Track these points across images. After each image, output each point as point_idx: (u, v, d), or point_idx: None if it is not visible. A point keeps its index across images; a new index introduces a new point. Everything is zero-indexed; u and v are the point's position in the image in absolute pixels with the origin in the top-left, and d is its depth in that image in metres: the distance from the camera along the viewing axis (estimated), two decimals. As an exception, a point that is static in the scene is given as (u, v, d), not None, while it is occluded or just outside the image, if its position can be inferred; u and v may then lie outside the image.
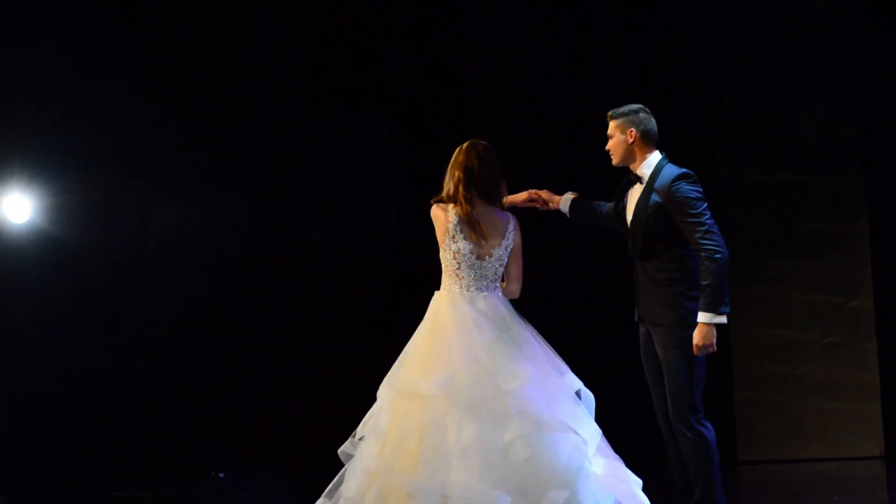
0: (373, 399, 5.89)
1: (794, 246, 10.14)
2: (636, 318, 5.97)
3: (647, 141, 5.89)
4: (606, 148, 5.96)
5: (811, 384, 10.12)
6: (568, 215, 6.27)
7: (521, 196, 6.22)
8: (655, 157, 5.89)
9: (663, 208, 5.73)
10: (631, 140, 5.88)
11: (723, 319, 5.60)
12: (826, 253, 10.13)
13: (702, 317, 5.61)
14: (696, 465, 5.73)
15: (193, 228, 10.07)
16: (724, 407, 9.98)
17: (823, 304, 10.13)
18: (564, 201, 6.23)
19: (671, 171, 5.79)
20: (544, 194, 6.25)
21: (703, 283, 5.61)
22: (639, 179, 5.88)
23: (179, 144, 9.98)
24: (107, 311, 9.83)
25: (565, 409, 5.47)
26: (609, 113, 5.97)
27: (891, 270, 10.20)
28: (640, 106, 5.94)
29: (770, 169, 10.17)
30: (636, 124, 5.88)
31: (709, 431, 5.73)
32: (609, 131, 5.95)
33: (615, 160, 5.95)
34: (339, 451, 5.82)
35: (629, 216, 5.89)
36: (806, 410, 10.11)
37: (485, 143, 5.89)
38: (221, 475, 7.03)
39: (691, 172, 5.79)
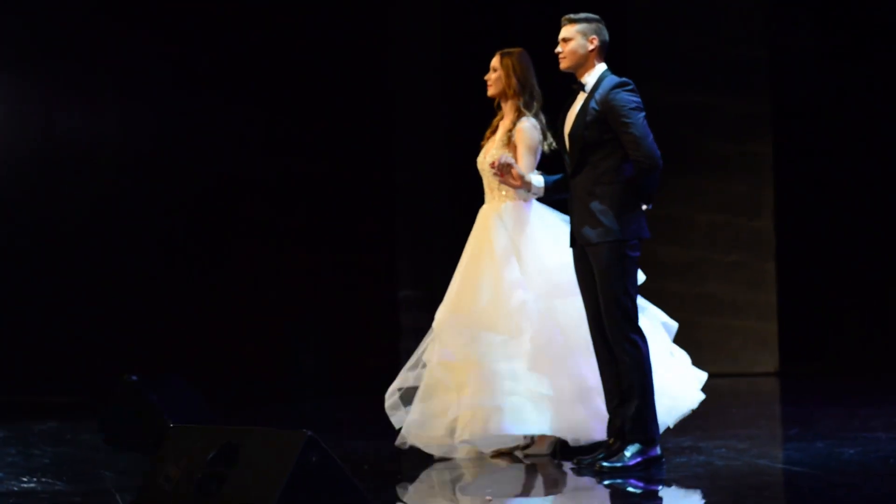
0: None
1: (698, 166, 10.29)
2: (571, 240, 5.97)
3: (602, 52, 5.91)
4: (558, 51, 5.91)
5: (711, 302, 10.34)
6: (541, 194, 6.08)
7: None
8: (601, 67, 5.90)
9: (601, 116, 5.76)
10: (591, 47, 5.87)
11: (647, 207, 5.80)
12: (730, 173, 10.31)
13: None
14: (631, 375, 5.80)
15: (104, 132, 9.95)
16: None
17: (726, 224, 10.33)
18: (538, 180, 6.03)
19: (611, 80, 5.82)
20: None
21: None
22: (582, 87, 5.89)
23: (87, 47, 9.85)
24: (16, 214, 9.69)
25: None
26: (568, 16, 5.88)
27: (792, 191, 10.42)
28: (599, 17, 5.94)
29: (676, 89, 10.28)
30: (598, 33, 5.89)
31: (644, 342, 5.82)
32: (566, 35, 5.87)
33: (567, 64, 5.90)
34: None
35: (568, 127, 5.89)
36: (706, 328, 10.32)
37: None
38: (133, 378, 6.97)
39: (630, 81, 5.81)
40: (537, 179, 6.02)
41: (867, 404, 8.09)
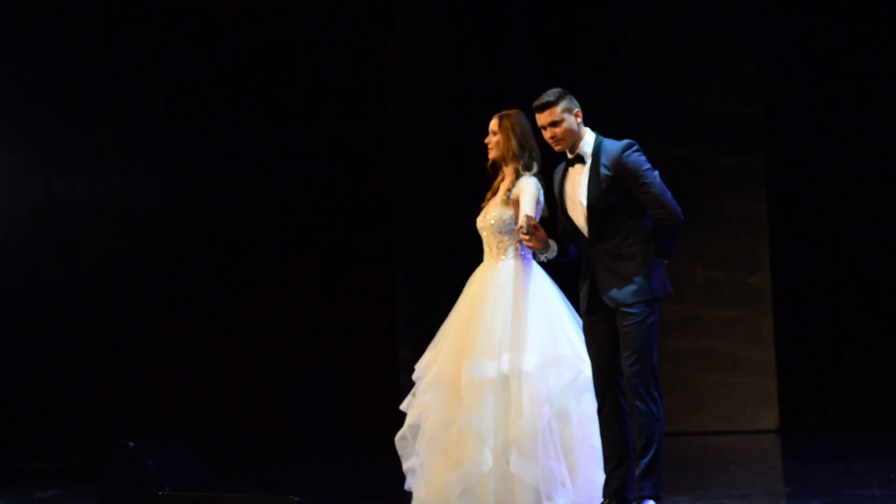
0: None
1: (696, 222, 10.32)
2: (587, 307, 5.97)
3: (582, 119, 5.96)
4: (551, 136, 5.90)
5: (711, 358, 10.34)
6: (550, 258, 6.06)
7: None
8: (591, 134, 5.93)
9: (616, 180, 5.79)
10: (579, 120, 5.91)
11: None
12: (727, 229, 10.36)
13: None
14: (651, 429, 5.79)
15: (103, 193, 10.04)
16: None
17: (724, 280, 10.36)
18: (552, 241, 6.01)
19: (614, 144, 5.85)
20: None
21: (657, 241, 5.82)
22: (580, 160, 5.91)
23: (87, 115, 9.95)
24: (15, 276, 9.77)
25: None
26: (546, 100, 5.86)
27: (787, 247, 10.46)
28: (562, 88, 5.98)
29: (673, 145, 10.34)
30: (575, 103, 5.92)
31: (660, 401, 5.84)
32: (554, 118, 5.85)
33: (565, 145, 5.88)
34: None
35: (583, 199, 5.87)
36: (705, 384, 10.34)
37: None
38: (131, 444, 6.99)
39: (634, 142, 5.84)
40: (552, 241, 6.02)
41: (865, 459, 8.08)
